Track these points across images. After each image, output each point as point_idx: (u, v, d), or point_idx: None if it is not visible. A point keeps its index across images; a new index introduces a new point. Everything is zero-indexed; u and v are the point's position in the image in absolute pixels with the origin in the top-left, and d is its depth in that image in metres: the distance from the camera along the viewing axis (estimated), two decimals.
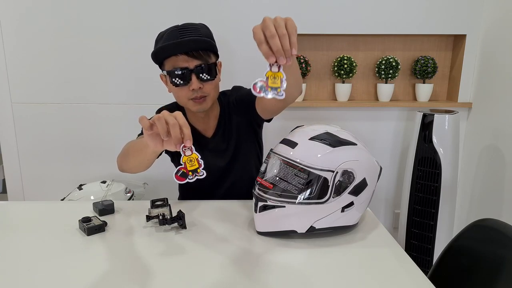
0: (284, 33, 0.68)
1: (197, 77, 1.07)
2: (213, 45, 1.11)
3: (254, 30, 0.70)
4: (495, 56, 1.95)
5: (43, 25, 1.99)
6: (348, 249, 0.86)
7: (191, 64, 1.06)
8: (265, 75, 0.70)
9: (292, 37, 0.69)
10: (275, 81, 0.69)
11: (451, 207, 1.88)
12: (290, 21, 0.70)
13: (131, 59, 2.03)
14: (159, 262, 0.80)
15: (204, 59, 1.07)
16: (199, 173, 0.75)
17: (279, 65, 0.69)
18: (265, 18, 0.70)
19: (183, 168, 0.74)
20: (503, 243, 0.83)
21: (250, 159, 1.27)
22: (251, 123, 1.24)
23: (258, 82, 0.70)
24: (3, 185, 2.45)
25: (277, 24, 0.69)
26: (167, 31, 1.10)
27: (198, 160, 0.75)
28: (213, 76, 1.09)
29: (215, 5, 1.98)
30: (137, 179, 2.10)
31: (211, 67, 1.08)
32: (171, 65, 1.07)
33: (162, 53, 1.08)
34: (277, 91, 0.69)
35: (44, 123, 2.10)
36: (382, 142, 2.21)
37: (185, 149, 0.73)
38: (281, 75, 0.69)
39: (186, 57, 1.05)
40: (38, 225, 0.98)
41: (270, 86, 0.70)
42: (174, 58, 1.06)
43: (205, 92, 1.10)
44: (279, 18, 0.70)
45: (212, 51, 1.11)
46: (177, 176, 0.74)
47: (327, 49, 2.16)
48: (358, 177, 0.87)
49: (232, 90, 1.27)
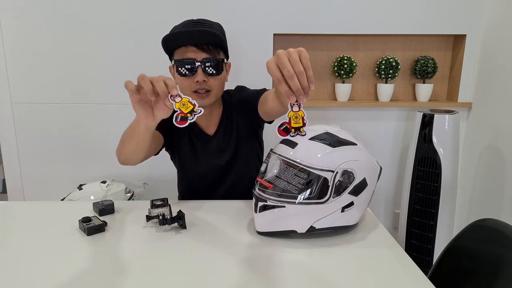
0: (301, 71, 0.68)
1: (203, 70, 1.08)
2: (224, 42, 1.13)
3: (269, 65, 0.71)
4: (495, 56, 1.95)
5: (43, 25, 1.99)
6: (348, 249, 0.86)
7: (199, 56, 1.08)
8: (287, 116, 0.73)
9: (309, 71, 0.69)
10: (297, 121, 0.73)
11: (451, 207, 1.88)
12: (303, 53, 0.70)
13: (131, 59, 2.03)
14: (159, 262, 0.80)
15: (212, 54, 1.09)
16: (196, 112, 0.75)
17: (299, 104, 0.72)
18: (278, 52, 0.70)
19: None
20: (503, 243, 0.83)
21: (251, 159, 1.28)
22: (252, 124, 1.25)
23: (282, 125, 0.73)
24: (3, 185, 2.46)
25: (292, 60, 0.69)
26: (182, 23, 1.13)
27: (190, 101, 0.76)
28: (219, 72, 1.10)
29: (215, 5, 1.98)
30: (137, 179, 2.10)
31: (218, 63, 1.10)
32: (179, 55, 1.10)
33: (173, 42, 1.10)
34: (300, 131, 0.74)
35: (44, 123, 2.10)
36: (382, 142, 2.21)
37: (173, 97, 0.75)
38: (302, 114, 0.73)
39: (196, 49, 1.07)
40: (38, 225, 0.98)
41: (293, 127, 0.73)
42: (184, 49, 1.09)
43: (209, 86, 1.11)
44: (293, 51, 0.69)
45: (221, 48, 1.13)
46: (177, 122, 0.75)
47: (327, 49, 2.16)
48: (358, 177, 0.87)
49: (235, 90, 1.28)
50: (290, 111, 0.72)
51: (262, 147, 1.34)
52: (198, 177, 1.26)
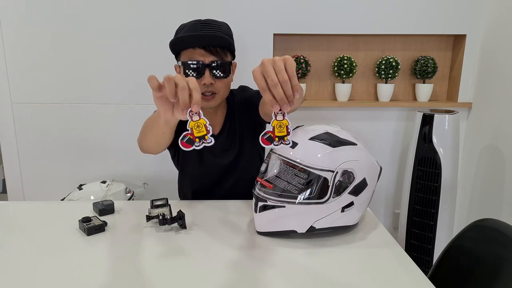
0: (285, 80, 0.68)
1: (210, 73, 1.08)
2: (232, 44, 1.13)
3: (254, 74, 0.70)
4: (495, 56, 1.95)
5: (43, 25, 1.99)
6: (348, 249, 0.86)
7: (206, 59, 1.07)
8: (271, 125, 0.71)
9: (293, 80, 0.69)
10: (281, 130, 0.71)
11: (451, 207, 1.88)
12: (289, 61, 0.69)
13: (131, 59, 2.03)
14: (159, 262, 0.80)
15: (220, 56, 1.08)
16: (206, 140, 0.70)
17: (283, 113, 0.70)
18: (263, 61, 0.69)
19: (190, 134, 0.69)
20: (503, 243, 0.83)
21: (253, 158, 1.28)
22: (254, 124, 1.26)
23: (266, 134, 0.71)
24: (3, 185, 2.46)
25: (277, 68, 0.68)
26: (189, 23, 1.11)
27: (206, 126, 0.69)
28: (226, 74, 1.10)
29: (215, 6, 1.98)
30: (137, 179, 2.10)
31: (225, 65, 1.09)
32: (187, 56, 1.08)
33: (181, 44, 1.09)
34: (283, 139, 0.72)
35: (44, 123, 2.10)
36: (382, 142, 2.21)
37: (192, 113, 0.68)
38: (287, 123, 0.71)
39: (203, 51, 1.06)
40: (38, 225, 0.98)
41: (277, 135, 0.72)
42: (191, 51, 1.07)
43: (216, 89, 1.10)
44: (278, 60, 0.69)
45: (229, 50, 1.12)
46: (182, 143, 0.69)
47: (327, 49, 2.16)
48: (358, 177, 0.87)
49: (238, 90, 1.28)
50: (274, 120, 0.71)
51: (263, 148, 1.34)
52: (200, 176, 1.26)
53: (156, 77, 0.70)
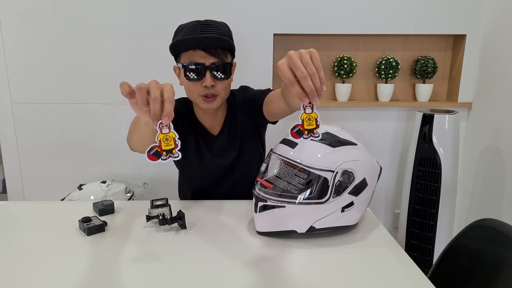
0: (314, 72, 0.67)
1: (211, 75, 1.07)
2: (232, 45, 1.12)
3: (281, 67, 0.69)
4: (495, 56, 1.95)
5: (43, 25, 1.98)
6: (348, 249, 0.86)
7: (207, 61, 1.06)
8: (300, 118, 0.70)
9: (321, 72, 0.68)
10: (310, 123, 0.70)
11: (451, 207, 1.88)
12: (314, 53, 0.69)
13: (131, 59, 2.03)
14: (159, 262, 0.80)
15: (220, 58, 1.07)
16: (173, 154, 0.67)
17: (312, 106, 0.70)
18: (290, 53, 0.69)
19: (157, 147, 0.66)
20: (503, 243, 0.83)
21: (253, 159, 1.28)
22: (256, 124, 1.25)
23: (295, 127, 0.70)
24: (3, 185, 2.46)
25: (304, 61, 0.67)
26: (188, 25, 1.09)
27: (175, 139, 0.67)
28: (227, 76, 1.09)
29: (215, 6, 1.98)
30: (137, 179, 2.10)
31: (226, 67, 1.08)
32: (187, 58, 1.07)
33: (180, 47, 1.08)
34: (313, 132, 0.71)
35: (44, 123, 2.10)
36: (382, 142, 2.21)
37: (162, 126, 0.66)
38: (316, 116, 0.70)
39: (204, 53, 1.05)
40: (38, 225, 0.98)
41: (307, 129, 0.70)
42: (192, 52, 1.06)
43: (216, 90, 1.10)
44: (304, 52, 0.68)
45: (229, 51, 1.11)
46: (149, 155, 0.66)
47: (327, 49, 2.16)
48: (358, 177, 0.87)
49: (239, 90, 1.27)
50: (303, 113, 0.70)
51: (264, 147, 1.34)
52: (201, 176, 1.26)
53: (128, 83, 0.69)
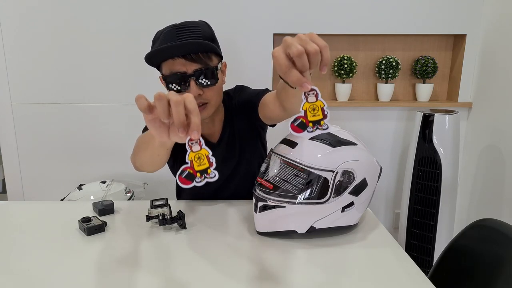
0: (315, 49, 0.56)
1: (196, 83, 0.96)
2: (214, 46, 0.99)
3: (275, 54, 0.59)
4: (495, 56, 1.95)
5: (43, 25, 1.98)
6: (348, 249, 0.86)
7: (189, 68, 0.95)
8: (301, 109, 0.59)
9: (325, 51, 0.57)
10: (315, 113, 0.58)
11: (451, 207, 1.88)
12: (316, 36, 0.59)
13: (130, 59, 2.03)
14: (159, 262, 0.80)
15: (204, 63, 0.96)
16: (209, 175, 0.57)
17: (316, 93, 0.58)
18: (285, 38, 0.59)
19: (190, 168, 0.57)
20: (503, 243, 0.83)
21: (254, 162, 1.20)
22: (255, 125, 1.16)
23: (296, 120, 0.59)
24: (3, 185, 2.46)
25: (302, 41, 0.57)
26: (164, 31, 0.99)
27: (209, 157, 0.58)
28: (214, 81, 0.98)
29: (215, 5, 1.98)
30: (137, 179, 2.10)
31: (211, 71, 0.97)
32: (168, 68, 0.97)
33: (157, 57, 0.98)
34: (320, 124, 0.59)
35: (44, 123, 2.10)
36: (382, 142, 2.21)
37: (191, 142, 0.57)
38: (322, 104, 0.58)
39: (184, 60, 0.94)
40: (38, 225, 0.98)
41: (311, 121, 0.59)
42: (171, 61, 0.95)
43: (205, 98, 0.99)
44: (302, 35, 0.59)
45: (213, 53, 0.99)
46: (181, 178, 0.57)
47: None
48: (358, 177, 0.87)
49: (235, 91, 1.17)
50: (305, 102, 0.58)
51: (265, 149, 1.26)
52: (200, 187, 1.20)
53: (145, 97, 0.59)
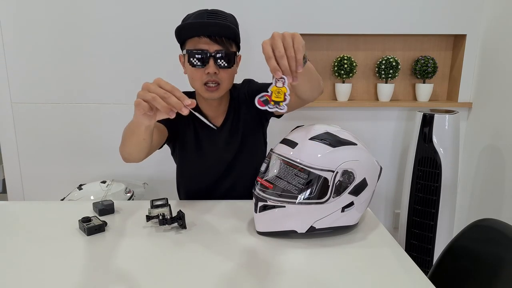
0: (292, 56, 0.73)
1: (215, 62, 1.07)
2: (237, 34, 1.13)
3: (264, 45, 0.74)
4: (495, 56, 1.95)
5: (43, 25, 1.98)
6: (348, 249, 0.86)
7: (211, 48, 1.07)
8: (269, 89, 0.74)
9: (298, 54, 0.73)
10: (278, 96, 0.74)
11: (451, 207, 1.88)
12: (297, 38, 0.74)
13: (130, 59, 2.03)
14: (159, 262, 0.80)
15: (225, 46, 1.08)
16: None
17: (284, 81, 0.74)
18: (274, 34, 0.74)
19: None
20: (503, 243, 0.83)
21: (254, 153, 1.26)
22: (260, 117, 1.26)
23: (263, 96, 0.75)
24: (3, 185, 2.46)
25: (286, 43, 0.73)
26: (196, 13, 1.12)
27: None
28: (230, 64, 1.10)
29: (215, 4, 1.98)
30: (137, 179, 2.10)
31: (230, 56, 1.09)
32: (192, 45, 1.09)
33: (186, 31, 1.09)
34: (279, 105, 0.75)
35: (44, 123, 2.10)
36: (382, 142, 2.21)
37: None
38: (285, 90, 0.74)
39: (208, 40, 1.06)
40: (38, 225, 0.98)
41: (274, 100, 0.75)
42: (197, 39, 1.07)
43: (220, 78, 1.10)
44: (287, 35, 0.74)
45: (234, 41, 1.12)
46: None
47: (327, 49, 2.16)
48: (358, 177, 0.87)
49: (243, 83, 1.28)
50: (274, 85, 0.74)
51: (266, 142, 1.34)
52: (200, 172, 1.23)
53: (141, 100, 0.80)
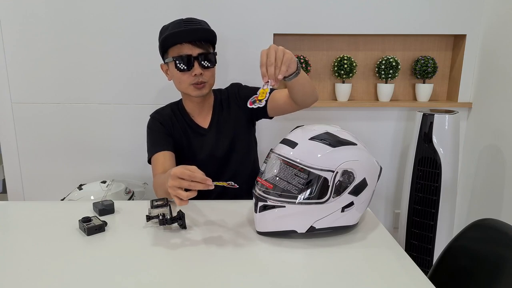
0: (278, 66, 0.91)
1: (199, 64, 1.20)
2: (215, 36, 1.26)
3: (262, 53, 0.92)
4: (495, 56, 1.95)
5: (43, 25, 1.98)
6: (348, 249, 0.86)
7: (194, 52, 1.20)
8: (258, 92, 0.93)
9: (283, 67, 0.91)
10: (262, 95, 0.92)
11: (451, 207, 1.88)
12: (287, 54, 0.92)
13: (130, 59, 2.03)
14: (159, 262, 0.80)
15: (206, 48, 1.22)
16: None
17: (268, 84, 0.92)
18: (271, 46, 0.93)
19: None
20: (503, 243, 0.83)
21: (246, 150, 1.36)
22: (251, 118, 1.37)
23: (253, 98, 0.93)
24: (3, 185, 2.46)
25: (277, 56, 0.91)
26: (173, 23, 1.23)
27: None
28: (213, 64, 1.24)
29: (215, 5, 1.98)
30: (137, 179, 2.10)
31: (211, 56, 1.24)
32: (176, 52, 1.21)
33: (171, 40, 1.21)
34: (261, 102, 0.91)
35: (44, 123, 2.10)
36: (382, 142, 2.21)
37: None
38: (267, 90, 0.93)
39: (191, 45, 1.19)
40: (38, 225, 0.98)
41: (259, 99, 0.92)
42: (179, 46, 1.20)
43: (205, 78, 1.24)
44: (280, 50, 0.92)
45: (211, 43, 1.26)
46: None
47: (327, 49, 2.16)
48: (358, 177, 0.87)
49: (232, 86, 1.41)
50: (261, 89, 0.92)
51: (256, 143, 1.45)
52: None
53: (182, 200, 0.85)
